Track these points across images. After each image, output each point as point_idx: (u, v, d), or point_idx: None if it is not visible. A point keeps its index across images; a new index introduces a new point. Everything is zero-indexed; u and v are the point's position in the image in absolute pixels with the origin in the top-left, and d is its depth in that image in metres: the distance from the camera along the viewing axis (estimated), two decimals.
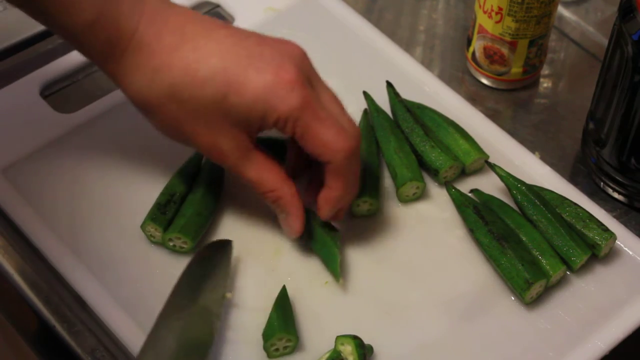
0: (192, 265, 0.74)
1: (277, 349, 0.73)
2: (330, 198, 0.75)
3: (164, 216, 0.78)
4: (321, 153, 0.73)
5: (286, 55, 0.72)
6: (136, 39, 0.70)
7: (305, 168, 0.80)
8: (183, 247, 0.78)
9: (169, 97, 0.71)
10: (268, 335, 0.73)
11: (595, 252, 0.79)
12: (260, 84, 0.70)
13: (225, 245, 0.78)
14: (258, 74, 0.70)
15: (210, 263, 0.75)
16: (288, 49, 0.73)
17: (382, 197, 0.83)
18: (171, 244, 0.78)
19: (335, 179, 0.74)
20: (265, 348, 0.73)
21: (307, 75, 0.73)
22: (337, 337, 0.73)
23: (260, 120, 0.72)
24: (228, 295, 0.75)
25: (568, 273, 0.79)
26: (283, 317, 0.74)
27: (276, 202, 0.76)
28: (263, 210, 0.82)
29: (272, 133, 0.75)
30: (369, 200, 0.81)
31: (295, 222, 0.77)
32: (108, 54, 0.71)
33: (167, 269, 0.78)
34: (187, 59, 0.70)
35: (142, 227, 0.78)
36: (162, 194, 0.80)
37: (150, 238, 0.79)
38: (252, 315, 0.76)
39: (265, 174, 0.75)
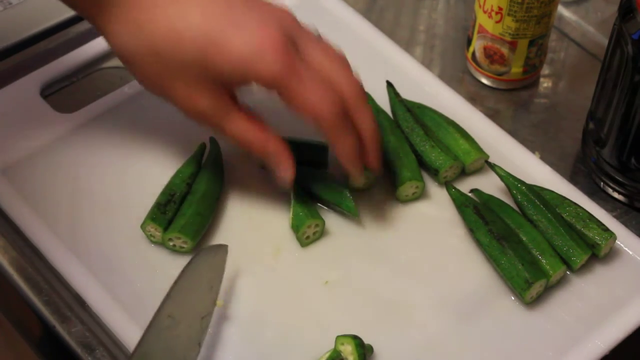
0: (186, 272, 0.73)
1: (308, 237, 0.79)
2: (341, 157, 0.76)
3: (164, 216, 0.78)
4: (306, 114, 0.73)
5: (273, 18, 0.72)
6: None
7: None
8: (183, 247, 0.78)
9: (151, 52, 0.72)
10: (298, 226, 0.79)
11: (595, 252, 0.79)
12: (243, 47, 0.71)
13: (220, 250, 0.77)
14: (242, 36, 0.71)
15: (204, 270, 0.75)
16: (275, 11, 0.73)
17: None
18: (171, 243, 0.78)
19: (332, 139, 0.75)
20: (298, 238, 0.79)
21: (292, 35, 0.73)
22: (337, 337, 0.73)
23: (240, 80, 0.73)
24: (219, 303, 0.75)
25: (568, 273, 0.79)
26: (306, 207, 0.79)
27: (264, 154, 0.76)
28: (263, 210, 0.82)
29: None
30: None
31: (286, 168, 0.77)
32: (96, 5, 0.72)
33: (167, 269, 0.78)
34: (172, 17, 0.71)
35: (142, 226, 0.78)
36: (162, 193, 0.80)
37: (150, 238, 0.79)
38: (252, 315, 0.76)
39: (248, 131, 0.75)
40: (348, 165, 0.77)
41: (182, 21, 0.71)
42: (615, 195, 0.86)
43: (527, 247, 0.78)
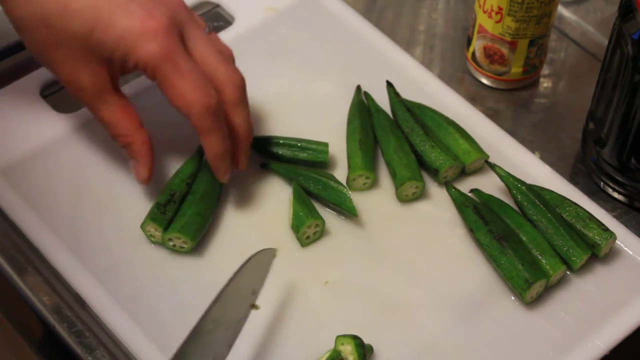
0: (236, 275, 0.72)
1: (308, 237, 0.80)
2: (207, 152, 0.77)
3: (164, 216, 0.78)
4: (178, 106, 0.74)
5: (163, 7, 0.74)
6: None
7: None
8: (183, 247, 0.78)
9: (40, 21, 0.73)
10: (298, 226, 0.79)
11: (595, 252, 0.79)
12: (126, 26, 0.72)
13: (269, 253, 0.76)
14: (126, 16, 0.72)
15: (252, 273, 0.75)
16: (168, 1, 0.75)
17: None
18: (171, 243, 0.78)
19: (203, 137, 0.76)
20: (298, 238, 0.79)
21: (178, 25, 0.74)
22: (337, 337, 0.73)
23: (121, 61, 0.73)
24: (257, 306, 0.75)
25: (568, 273, 0.79)
26: (306, 207, 0.79)
27: (126, 147, 0.78)
28: (263, 210, 0.82)
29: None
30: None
31: (142, 169, 0.78)
32: None
33: (167, 269, 0.78)
34: None
35: (142, 226, 0.78)
36: (162, 193, 0.80)
37: (150, 238, 0.79)
38: (253, 314, 0.76)
39: (119, 117, 0.77)
40: (212, 162, 0.78)
41: None
42: (615, 195, 0.86)
43: (527, 247, 0.78)
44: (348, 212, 0.80)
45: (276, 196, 0.83)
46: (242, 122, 0.78)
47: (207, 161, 0.82)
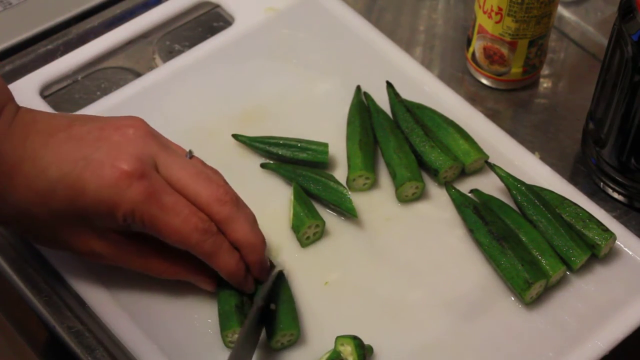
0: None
1: (308, 237, 0.79)
2: (228, 278, 0.74)
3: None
4: (175, 242, 0.71)
5: (124, 144, 0.70)
6: None
7: None
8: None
9: (21, 215, 0.71)
10: (298, 226, 0.79)
11: (595, 252, 0.79)
12: (98, 183, 0.69)
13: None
14: (94, 173, 0.69)
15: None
16: (126, 134, 0.71)
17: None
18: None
19: (210, 262, 0.73)
20: (298, 239, 0.79)
21: (150, 159, 0.71)
22: (337, 337, 0.73)
23: (111, 219, 0.70)
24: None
25: (568, 273, 0.79)
26: (306, 208, 0.80)
27: (178, 278, 0.75)
28: (263, 210, 0.82)
29: None
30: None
31: (206, 285, 0.76)
32: None
33: None
34: (29, 175, 0.69)
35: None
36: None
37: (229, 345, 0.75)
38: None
39: (150, 261, 0.74)
40: (232, 282, 0.74)
41: (40, 178, 0.69)
42: (615, 195, 0.86)
43: (527, 248, 0.78)
44: (348, 212, 0.80)
45: (276, 196, 0.83)
46: (240, 235, 0.73)
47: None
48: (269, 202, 0.82)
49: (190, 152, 0.75)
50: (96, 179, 0.69)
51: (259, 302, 0.72)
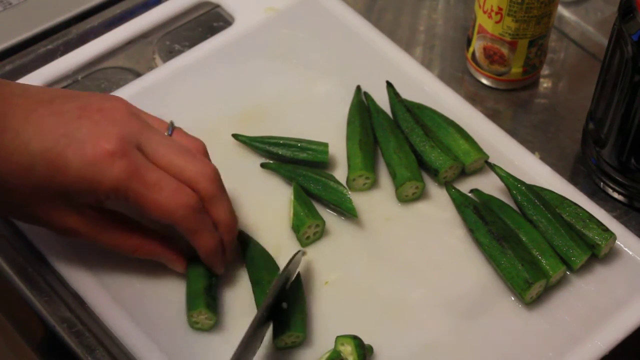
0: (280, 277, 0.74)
1: (308, 237, 0.79)
2: (205, 257, 0.75)
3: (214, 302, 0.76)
4: (159, 218, 0.72)
5: (106, 122, 0.71)
6: None
7: None
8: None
9: (3, 190, 0.71)
10: (298, 226, 0.79)
11: (595, 252, 0.79)
12: (80, 161, 0.69)
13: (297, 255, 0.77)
14: (76, 151, 0.69)
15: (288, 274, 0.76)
16: (108, 113, 0.71)
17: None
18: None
19: (191, 238, 0.73)
20: (299, 238, 0.79)
21: (132, 137, 0.71)
22: (337, 337, 0.73)
23: (92, 196, 0.71)
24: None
25: (568, 273, 0.79)
26: (306, 208, 0.79)
27: (149, 257, 0.76)
28: (263, 210, 0.82)
29: None
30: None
31: (176, 265, 0.76)
32: None
33: (167, 268, 0.78)
34: (9, 148, 0.69)
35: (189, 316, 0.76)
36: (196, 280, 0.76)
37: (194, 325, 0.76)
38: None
39: (123, 238, 0.74)
40: (207, 261, 0.75)
41: (20, 151, 0.69)
42: (615, 195, 0.86)
43: (527, 248, 0.78)
44: (348, 212, 0.80)
45: (276, 196, 0.83)
46: (222, 214, 0.74)
47: None
48: (269, 202, 0.82)
49: (171, 123, 0.75)
50: (78, 157, 0.69)
51: (269, 300, 0.72)
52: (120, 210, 0.75)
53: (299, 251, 0.76)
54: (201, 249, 0.74)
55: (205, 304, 0.74)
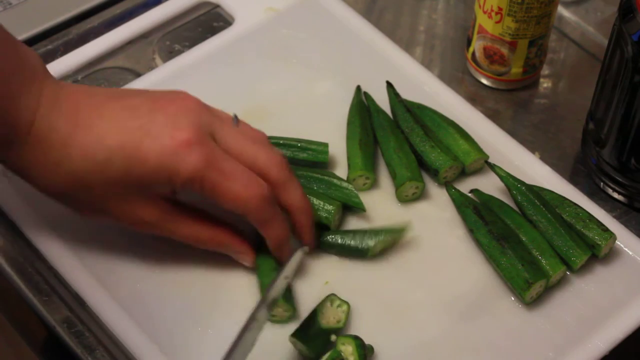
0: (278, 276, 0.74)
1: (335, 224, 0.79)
2: (275, 248, 0.75)
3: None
4: (233, 207, 0.72)
5: (180, 114, 0.72)
6: (33, 134, 0.70)
7: None
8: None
9: (75, 185, 0.71)
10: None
11: (595, 252, 0.79)
12: (158, 151, 0.70)
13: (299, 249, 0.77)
14: (154, 142, 0.70)
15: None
16: (181, 105, 0.73)
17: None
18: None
19: (263, 229, 0.74)
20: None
21: (206, 127, 0.72)
22: (338, 337, 0.73)
23: (168, 185, 0.72)
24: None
25: (568, 273, 0.79)
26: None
27: (220, 248, 0.76)
28: None
29: None
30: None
31: (246, 258, 0.77)
32: (7, 148, 0.71)
33: (167, 268, 0.78)
34: (84, 144, 0.70)
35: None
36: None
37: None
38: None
39: (195, 233, 0.75)
40: (276, 253, 0.76)
41: (97, 147, 0.70)
42: (615, 195, 0.86)
43: (527, 248, 0.78)
44: (356, 207, 0.80)
45: None
46: (295, 198, 0.75)
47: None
48: None
49: (235, 116, 0.77)
50: (156, 147, 0.70)
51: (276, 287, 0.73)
52: (192, 202, 0.75)
53: (301, 248, 0.76)
54: (272, 239, 0.75)
55: (283, 297, 0.74)
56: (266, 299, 0.71)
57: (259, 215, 0.73)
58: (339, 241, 0.79)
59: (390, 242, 0.79)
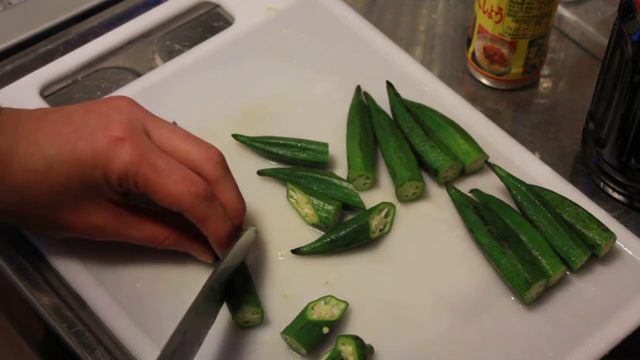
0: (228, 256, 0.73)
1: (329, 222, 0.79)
2: (214, 245, 0.75)
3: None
4: (168, 204, 0.72)
5: (112, 113, 0.72)
6: None
7: None
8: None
9: (21, 200, 0.72)
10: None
11: (595, 252, 0.79)
12: (92, 150, 0.71)
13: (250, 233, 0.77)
14: (87, 142, 0.71)
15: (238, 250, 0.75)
16: (113, 105, 0.73)
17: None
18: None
19: (200, 226, 0.74)
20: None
21: (139, 124, 0.73)
22: (338, 337, 0.73)
23: (106, 184, 0.72)
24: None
25: (568, 273, 0.79)
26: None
27: (177, 247, 0.76)
28: (263, 210, 0.82)
29: None
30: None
31: (203, 254, 0.77)
32: None
33: (167, 268, 0.78)
34: (24, 157, 0.71)
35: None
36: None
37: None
38: None
39: (150, 230, 0.75)
40: (218, 247, 0.75)
41: (36, 158, 0.71)
42: (615, 195, 0.86)
43: (527, 248, 0.78)
44: (356, 206, 0.80)
45: (276, 196, 0.83)
46: (229, 196, 0.75)
47: None
48: (269, 201, 0.82)
49: (174, 123, 0.76)
50: (89, 147, 0.71)
51: (223, 266, 0.72)
52: (145, 203, 0.75)
53: (250, 227, 0.76)
54: (214, 235, 0.74)
55: (248, 301, 0.74)
56: (205, 289, 0.71)
57: (194, 211, 0.72)
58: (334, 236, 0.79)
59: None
